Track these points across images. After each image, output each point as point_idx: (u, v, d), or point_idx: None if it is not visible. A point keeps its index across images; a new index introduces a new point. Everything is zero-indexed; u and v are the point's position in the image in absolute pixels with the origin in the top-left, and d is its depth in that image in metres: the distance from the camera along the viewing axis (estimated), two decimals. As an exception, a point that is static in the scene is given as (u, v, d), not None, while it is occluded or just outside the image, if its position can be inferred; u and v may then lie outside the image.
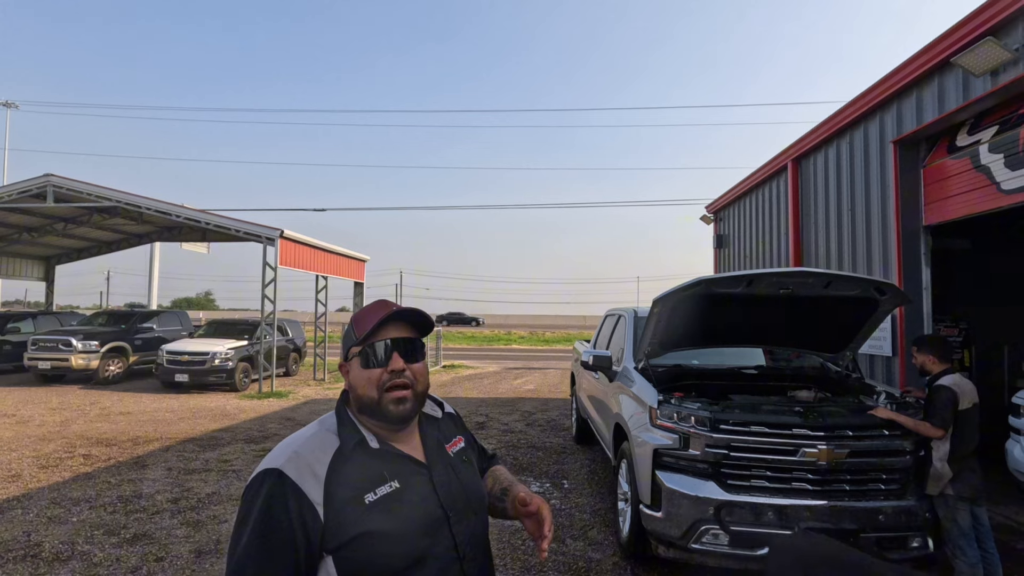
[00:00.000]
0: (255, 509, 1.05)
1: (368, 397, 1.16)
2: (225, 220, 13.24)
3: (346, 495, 1.07)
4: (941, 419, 3.38)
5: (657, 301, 3.99)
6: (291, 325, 15.75)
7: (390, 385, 1.15)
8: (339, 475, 1.09)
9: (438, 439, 1.27)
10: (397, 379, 1.15)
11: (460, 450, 1.31)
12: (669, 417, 3.65)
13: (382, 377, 1.15)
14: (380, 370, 1.16)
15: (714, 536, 3.35)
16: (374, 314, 1.19)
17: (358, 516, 1.06)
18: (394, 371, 1.15)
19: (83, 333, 13.02)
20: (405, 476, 1.15)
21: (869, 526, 3.26)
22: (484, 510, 1.29)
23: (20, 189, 12.90)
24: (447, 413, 1.39)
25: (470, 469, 1.30)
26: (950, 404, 3.40)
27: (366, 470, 1.11)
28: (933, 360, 3.67)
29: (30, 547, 4.18)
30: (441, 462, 1.23)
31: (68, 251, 19.20)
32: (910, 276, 5.48)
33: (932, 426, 3.39)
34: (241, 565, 1.03)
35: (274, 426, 8.65)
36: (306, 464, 1.09)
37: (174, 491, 5.47)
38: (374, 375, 1.16)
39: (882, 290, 3.85)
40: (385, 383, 1.15)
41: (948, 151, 5.24)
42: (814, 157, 7.35)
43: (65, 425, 8.54)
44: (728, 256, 10.83)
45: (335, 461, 1.11)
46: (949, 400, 3.40)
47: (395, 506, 1.10)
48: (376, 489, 1.10)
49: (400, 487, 1.12)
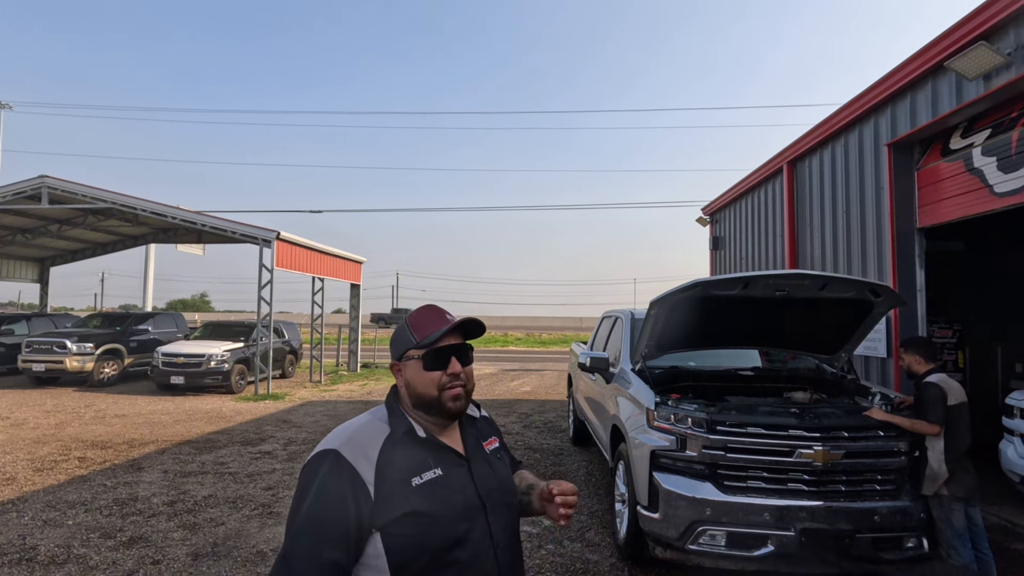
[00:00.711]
0: (314, 484, 1.17)
1: (429, 395, 1.28)
2: (221, 221, 13.21)
3: (395, 477, 1.19)
4: (935, 414, 3.43)
5: (654, 303, 4.01)
6: (287, 327, 15.72)
7: (449, 386, 1.28)
8: (389, 459, 1.21)
9: (476, 436, 1.40)
10: (455, 380, 1.29)
11: (495, 449, 1.43)
12: (666, 419, 3.67)
13: (442, 379, 1.28)
14: (440, 372, 1.28)
15: (711, 537, 3.36)
16: (434, 322, 1.32)
17: (405, 496, 1.17)
18: (453, 374, 1.29)
19: (78, 335, 12.95)
20: (447, 465, 1.27)
21: (864, 526, 3.29)
22: (516, 506, 1.40)
23: (15, 190, 12.83)
24: (484, 416, 1.52)
25: (503, 467, 1.41)
26: (940, 399, 3.45)
27: (413, 456, 1.23)
28: (919, 360, 3.74)
29: (25, 550, 4.16)
30: (479, 457, 1.35)
31: (63, 253, 19.10)
32: (904, 278, 5.52)
33: (928, 423, 3.43)
34: (299, 532, 1.14)
35: (270, 428, 8.63)
36: (360, 447, 1.21)
37: (170, 494, 5.45)
38: (435, 377, 1.28)
39: (877, 292, 3.88)
40: (444, 384, 1.28)
41: (942, 154, 5.29)
42: (809, 160, 7.39)
43: (60, 428, 8.50)
44: (724, 258, 10.88)
45: (386, 446, 1.23)
46: (939, 396, 3.46)
47: (438, 490, 1.21)
48: (422, 473, 1.22)
49: (443, 474, 1.24)
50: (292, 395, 12.16)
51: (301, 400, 11.58)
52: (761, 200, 9.04)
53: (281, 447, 7.42)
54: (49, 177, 12.70)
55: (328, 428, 8.69)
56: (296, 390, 12.98)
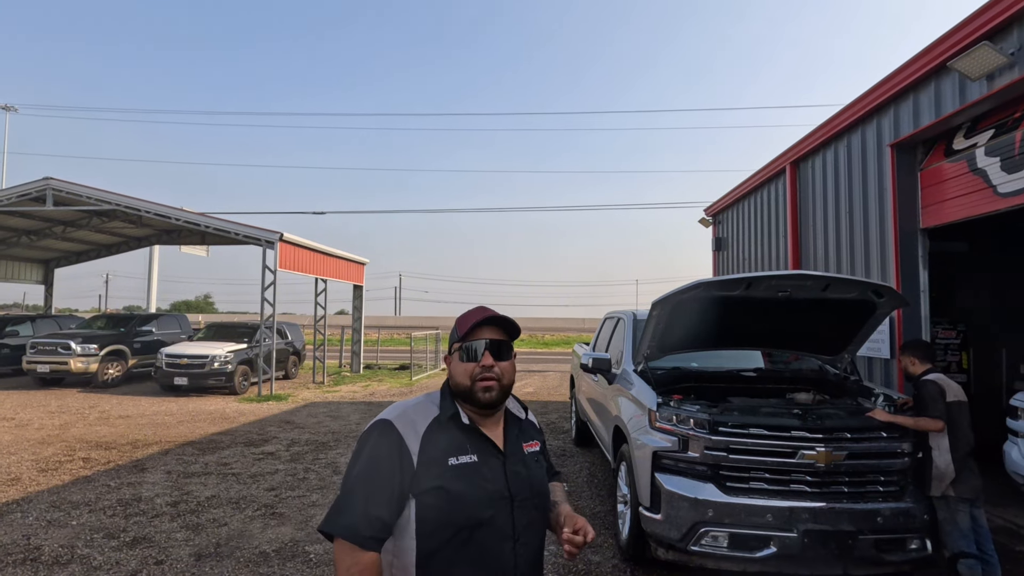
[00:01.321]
0: (368, 446, 1.33)
1: (463, 385, 1.38)
2: (224, 223, 13.25)
3: (435, 453, 1.31)
4: (936, 409, 3.44)
5: (656, 304, 4.01)
6: (290, 328, 15.75)
7: (481, 377, 1.37)
8: (433, 436, 1.34)
9: (518, 436, 1.47)
10: (487, 372, 1.37)
11: (535, 452, 1.50)
12: (668, 420, 3.67)
13: (475, 370, 1.37)
14: (473, 364, 1.38)
15: (713, 538, 3.36)
16: (473, 317, 1.42)
17: (440, 471, 1.29)
18: (484, 366, 1.37)
19: (82, 336, 13.01)
20: (484, 454, 1.36)
21: (867, 528, 3.27)
22: (545, 508, 1.47)
23: (19, 192, 12.90)
24: (530, 420, 1.58)
25: (540, 469, 1.48)
26: (939, 395, 3.47)
27: (454, 439, 1.35)
28: (914, 361, 3.77)
29: (30, 550, 4.18)
30: (516, 455, 1.43)
31: (67, 254, 19.19)
32: (908, 279, 5.50)
33: (930, 419, 3.43)
34: (352, 486, 1.29)
35: (273, 429, 8.65)
36: (410, 421, 1.35)
37: (173, 494, 5.47)
38: (469, 368, 1.38)
39: (880, 293, 3.87)
40: (477, 375, 1.37)
41: (945, 154, 5.27)
42: (812, 160, 7.38)
43: (64, 428, 8.53)
44: (727, 259, 10.86)
45: (432, 425, 1.35)
46: (937, 392, 3.48)
47: (470, 474, 1.31)
48: (459, 456, 1.32)
49: (478, 461, 1.34)
50: (295, 396, 12.19)
51: (304, 401, 11.60)
52: (764, 201, 9.03)
53: (284, 448, 7.43)
54: (54, 179, 12.76)
55: (331, 429, 8.71)
56: (299, 391, 13.00)
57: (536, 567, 1.40)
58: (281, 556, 4.15)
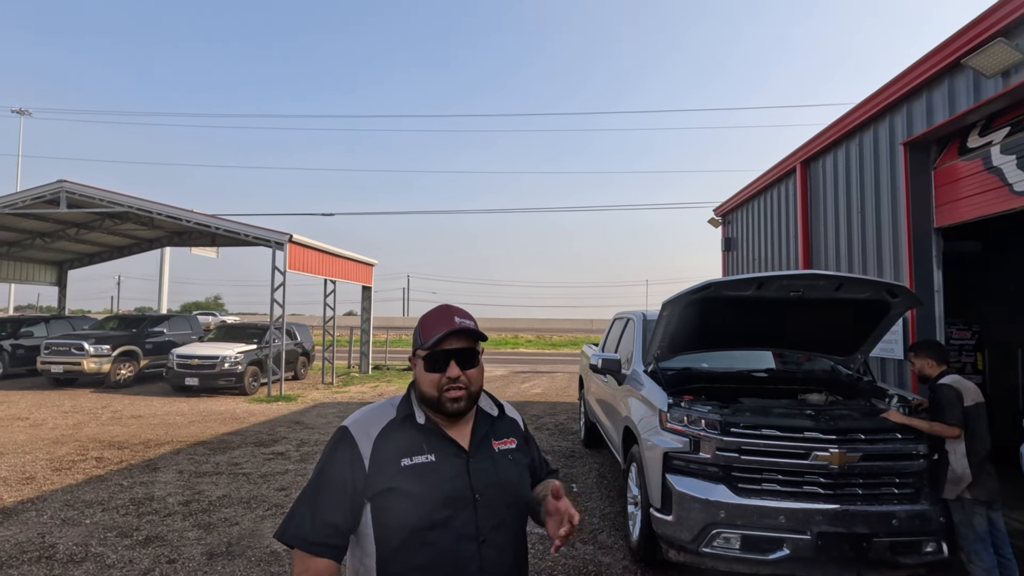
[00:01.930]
0: (324, 454, 1.36)
1: (429, 395, 1.35)
2: (235, 224, 13.36)
3: (388, 455, 1.30)
4: (952, 416, 3.37)
5: (666, 304, 3.99)
6: (300, 329, 15.83)
7: (448, 388, 1.33)
8: (386, 439, 1.33)
9: (487, 433, 1.42)
10: (454, 383, 1.33)
11: (508, 449, 1.44)
12: (679, 420, 3.64)
13: (441, 381, 1.33)
14: (440, 375, 1.34)
15: (725, 540, 3.33)
16: (438, 326, 1.36)
17: (393, 474, 1.28)
18: (451, 377, 1.33)
19: (95, 337, 13.16)
20: (443, 454, 1.33)
21: (882, 530, 3.24)
22: (520, 507, 1.42)
23: (34, 195, 13.08)
24: (509, 416, 1.53)
25: (512, 468, 1.42)
26: (956, 400, 3.40)
27: (409, 440, 1.33)
28: (931, 363, 3.69)
29: (44, 548, 4.23)
30: (483, 453, 1.38)
31: (80, 256, 19.42)
32: (921, 279, 5.44)
33: (946, 425, 3.37)
34: (304, 493, 1.33)
35: (283, 430, 8.70)
36: (364, 426, 1.35)
37: (185, 494, 5.51)
38: (435, 378, 1.34)
39: (894, 292, 3.82)
40: (444, 386, 1.33)
41: (959, 153, 5.21)
42: (823, 159, 7.32)
43: (78, 428, 8.63)
44: (736, 259, 10.79)
45: (387, 427, 1.35)
46: (954, 396, 3.41)
47: (426, 475, 1.29)
48: (413, 456, 1.30)
49: (435, 460, 1.31)
50: (304, 397, 12.25)
51: (313, 402, 11.65)
52: (774, 200, 8.96)
53: (294, 448, 7.47)
54: (67, 181, 12.92)
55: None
56: (308, 392, 13.07)
57: (509, 568, 1.34)
58: (292, 556, 4.16)
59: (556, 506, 1.35)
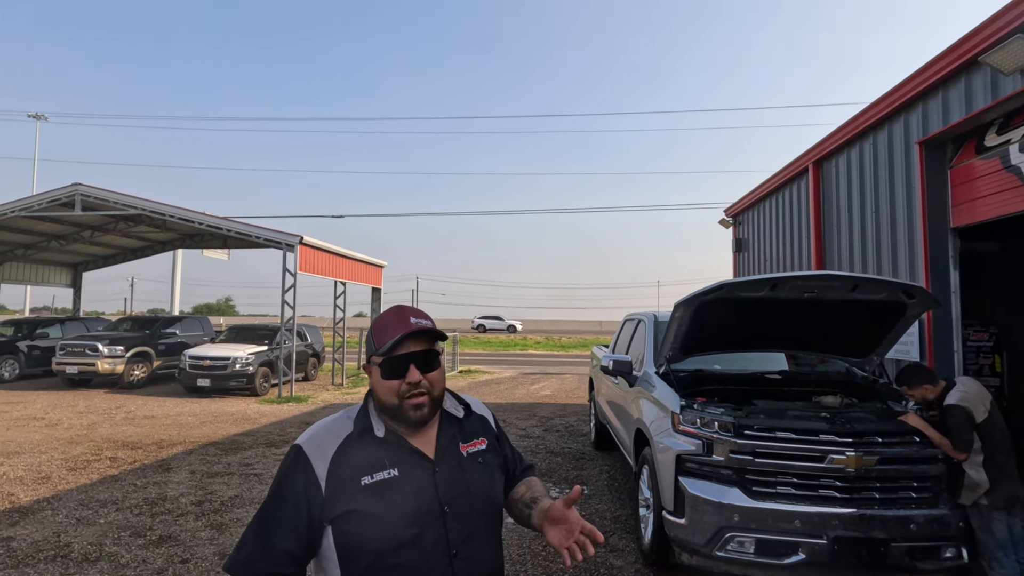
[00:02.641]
0: (277, 476, 1.26)
1: (389, 403, 1.26)
2: (246, 227, 13.46)
3: (346, 475, 1.20)
4: (961, 441, 3.31)
5: (679, 305, 3.96)
6: (310, 330, 15.91)
7: (409, 395, 1.24)
8: (344, 457, 1.23)
9: (454, 437, 1.33)
10: (415, 389, 1.24)
11: (477, 451, 1.35)
12: (692, 422, 3.61)
13: (401, 387, 1.24)
14: (399, 381, 1.24)
15: (739, 544, 3.29)
16: (393, 328, 1.26)
17: (352, 494, 1.18)
18: (411, 383, 1.24)
19: (109, 338, 13.31)
20: (406, 467, 1.24)
21: (900, 535, 3.18)
22: (493, 513, 1.33)
23: (50, 198, 13.27)
24: (477, 415, 1.43)
25: (483, 471, 1.33)
26: (965, 423, 3.32)
27: (369, 455, 1.23)
28: (929, 388, 3.64)
29: (60, 547, 4.27)
30: (450, 460, 1.29)
31: (95, 258, 19.67)
32: (938, 279, 5.36)
33: (954, 448, 3.31)
34: (255, 520, 1.23)
35: (294, 431, 8.73)
36: (319, 444, 1.25)
37: (198, 494, 5.55)
38: (394, 385, 1.25)
39: (910, 293, 3.76)
40: (404, 393, 1.24)
41: (976, 151, 5.13)
42: (836, 159, 7.24)
43: (92, 428, 8.72)
44: (748, 260, 10.71)
45: (344, 444, 1.25)
46: (963, 419, 3.33)
47: (387, 492, 1.20)
48: (374, 473, 1.21)
49: (399, 475, 1.22)
50: (315, 397, 12.31)
51: (324, 403, 11.70)
52: (785, 201, 8.88)
53: (305, 449, 7.49)
54: (82, 185, 13.09)
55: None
56: (318, 392, 13.13)
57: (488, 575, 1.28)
58: None
59: (566, 515, 1.26)
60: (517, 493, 1.46)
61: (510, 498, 1.46)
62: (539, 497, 1.41)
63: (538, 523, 1.34)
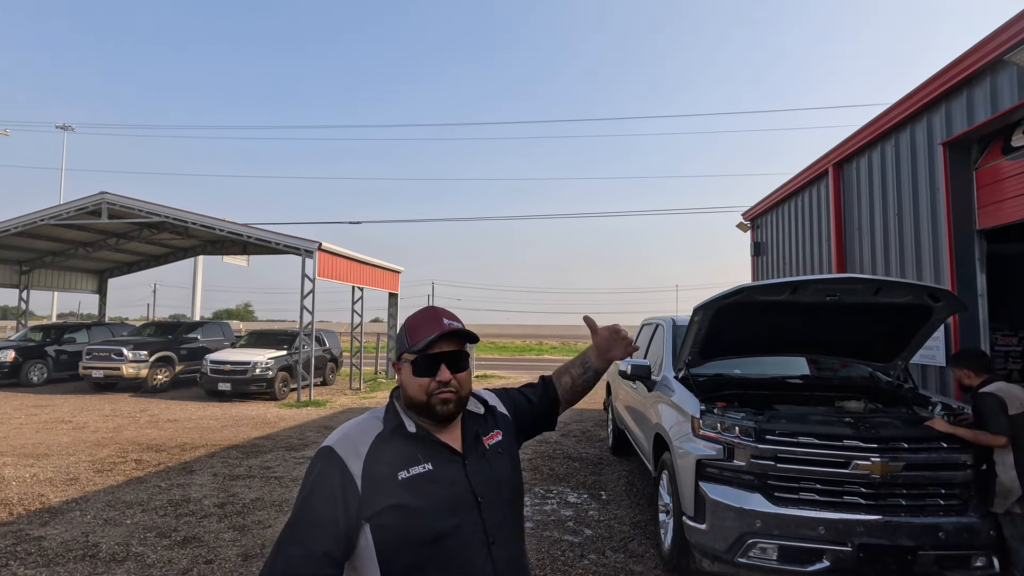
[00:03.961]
0: (309, 479, 1.25)
1: (418, 399, 1.29)
2: (266, 233, 13.67)
3: (382, 471, 1.22)
4: (997, 424, 3.24)
5: (698, 309, 3.93)
6: (328, 335, 16.07)
7: (438, 392, 1.28)
8: (378, 454, 1.25)
9: (477, 432, 1.38)
10: (444, 387, 1.29)
11: (496, 443, 1.41)
12: (712, 427, 3.58)
13: (431, 385, 1.28)
14: (429, 379, 1.28)
15: (762, 550, 3.25)
16: (427, 327, 1.31)
17: (391, 490, 1.20)
18: (441, 381, 1.29)
19: (133, 343, 13.59)
20: (439, 461, 1.27)
21: (928, 543, 3.12)
22: (517, 499, 1.39)
23: (77, 206, 13.62)
24: (491, 406, 1.49)
25: (505, 461, 1.39)
26: (999, 408, 3.26)
27: (403, 451, 1.26)
28: (968, 374, 3.59)
29: (88, 547, 4.36)
30: (476, 453, 1.34)
31: (119, 265, 20.12)
32: (964, 282, 5.25)
33: (991, 434, 3.24)
34: (294, 524, 1.22)
35: (313, 434, 8.82)
36: (352, 444, 1.27)
37: (220, 496, 5.63)
38: (424, 383, 1.29)
39: (936, 297, 3.70)
40: (433, 391, 1.28)
41: (1003, 152, 5.03)
42: (856, 161, 7.15)
43: (118, 431, 8.90)
44: (766, 264, 10.59)
45: (376, 442, 1.27)
46: (996, 405, 3.28)
47: (425, 485, 1.23)
48: (409, 468, 1.24)
49: (433, 469, 1.25)
50: (333, 402, 12.42)
51: (342, 407, 11.81)
52: (805, 204, 8.78)
53: (324, 452, 7.56)
54: (109, 193, 13.42)
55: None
56: (337, 397, 13.25)
57: (517, 564, 1.32)
58: None
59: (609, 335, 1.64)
60: (563, 387, 1.65)
61: (564, 392, 1.65)
62: (587, 352, 1.66)
63: (598, 364, 1.64)
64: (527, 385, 1.67)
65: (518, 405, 1.57)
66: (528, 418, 1.58)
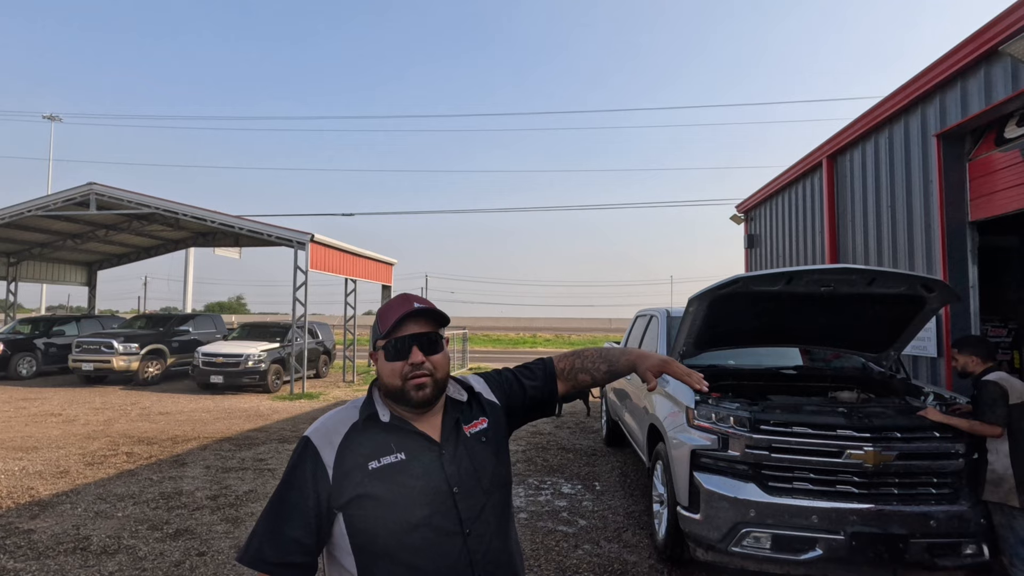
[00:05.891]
0: (287, 467, 1.29)
1: (393, 385, 1.28)
2: (258, 225, 13.56)
3: (354, 461, 1.23)
4: (995, 414, 3.24)
5: (692, 300, 3.93)
6: (321, 328, 16.02)
7: (412, 375, 1.26)
8: (351, 444, 1.26)
9: (457, 420, 1.35)
10: (418, 370, 1.27)
11: (479, 431, 1.37)
12: (707, 418, 3.59)
13: (404, 368, 1.26)
14: (402, 363, 1.27)
15: (755, 539, 3.27)
16: (395, 311, 1.30)
17: (360, 479, 1.21)
18: (414, 364, 1.26)
19: (124, 336, 13.47)
20: (413, 450, 1.26)
21: (919, 531, 3.14)
22: (501, 489, 1.35)
23: (65, 197, 13.44)
24: (476, 393, 1.44)
25: (486, 449, 1.35)
26: (1001, 398, 3.27)
27: (375, 441, 1.26)
28: (976, 360, 3.56)
29: (79, 540, 4.33)
30: (454, 442, 1.31)
31: (109, 257, 19.91)
32: (956, 274, 5.28)
33: (987, 424, 3.25)
34: (267, 511, 1.25)
35: (305, 426, 8.75)
36: (327, 433, 1.28)
37: (213, 488, 5.60)
38: (397, 367, 1.27)
39: (930, 287, 3.71)
40: (407, 374, 1.26)
41: (996, 144, 5.04)
42: (851, 153, 7.16)
43: (108, 424, 8.84)
44: (760, 256, 10.62)
45: (350, 432, 1.27)
46: (999, 394, 3.28)
47: (396, 475, 1.22)
48: (381, 458, 1.23)
49: (406, 459, 1.25)
50: (326, 394, 12.39)
51: (335, 399, 11.78)
52: (799, 196, 8.80)
53: (317, 445, 7.54)
54: (97, 184, 13.24)
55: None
56: (330, 389, 13.21)
57: (501, 555, 1.28)
58: None
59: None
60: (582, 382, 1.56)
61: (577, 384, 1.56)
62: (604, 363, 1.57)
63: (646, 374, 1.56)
64: (523, 367, 1.57)
65: (510, 390, 1.49)
66: (519, 406, 1.50)
